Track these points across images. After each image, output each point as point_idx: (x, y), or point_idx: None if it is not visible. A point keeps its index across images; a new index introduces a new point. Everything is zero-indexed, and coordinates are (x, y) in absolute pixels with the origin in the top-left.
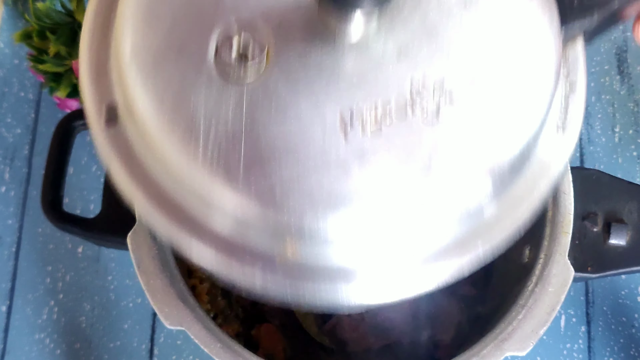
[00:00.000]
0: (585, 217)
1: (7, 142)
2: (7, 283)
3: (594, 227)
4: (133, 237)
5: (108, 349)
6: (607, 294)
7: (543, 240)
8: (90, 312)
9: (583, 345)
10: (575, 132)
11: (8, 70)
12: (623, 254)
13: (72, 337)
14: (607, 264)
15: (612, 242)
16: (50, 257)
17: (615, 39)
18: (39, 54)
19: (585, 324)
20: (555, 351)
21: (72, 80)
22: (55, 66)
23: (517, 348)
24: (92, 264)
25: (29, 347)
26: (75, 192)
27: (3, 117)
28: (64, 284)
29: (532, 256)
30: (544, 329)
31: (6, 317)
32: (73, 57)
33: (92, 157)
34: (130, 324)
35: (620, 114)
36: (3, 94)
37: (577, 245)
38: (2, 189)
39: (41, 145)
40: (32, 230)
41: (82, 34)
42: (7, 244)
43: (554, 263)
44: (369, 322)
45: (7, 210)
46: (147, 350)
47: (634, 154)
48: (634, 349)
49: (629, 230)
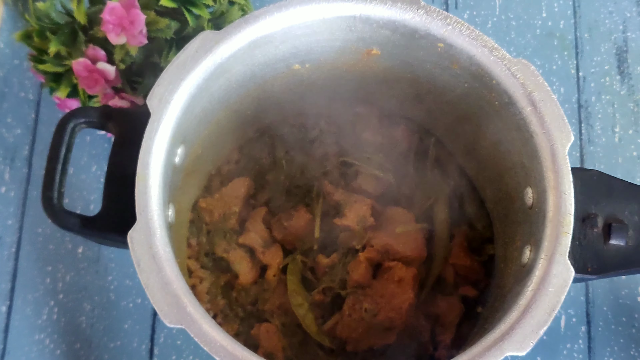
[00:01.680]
0: (585, 218)
1: (7, 142)
2: (7, 283)
3: (594, 228)
4: (133, 235)
5: (108, 349)
6: (607, 294)
7: (543, 240)
8: (90, 312)
9: (583, 345)
10: None
11: (8, 71)
12: (623, 254)
13: (72, 337)
14: (607, 264)
15: (612, 243)
16: (50, 258)
17: (616, 39)
18: (39, 54)
19: (585, 324)
20: (555, 351)
21: (72, 80)
22: (55, 66)
23: (517, 348)
24: (92, 264)
25: (29, 348)
26: (75, 192)
27: (3, 117)
28: (64, 284)
29: (532, 257)
30: (543, 329)
31: (6, 317)
32: (73, 57)
33: (92, 157)
34: (130, 324)
35: (620, 114)
36: (3, 94)
37: (577, 246)
38: (2, 189)
39: (41, 146)
40: (32, 230)
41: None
42: (7, 244)
43: (554, 263)
44: (368, 322)
45: (7, 210)
46: (147, 350)
47: (634, 154)
48: (634, 349)
49: (629, 231)
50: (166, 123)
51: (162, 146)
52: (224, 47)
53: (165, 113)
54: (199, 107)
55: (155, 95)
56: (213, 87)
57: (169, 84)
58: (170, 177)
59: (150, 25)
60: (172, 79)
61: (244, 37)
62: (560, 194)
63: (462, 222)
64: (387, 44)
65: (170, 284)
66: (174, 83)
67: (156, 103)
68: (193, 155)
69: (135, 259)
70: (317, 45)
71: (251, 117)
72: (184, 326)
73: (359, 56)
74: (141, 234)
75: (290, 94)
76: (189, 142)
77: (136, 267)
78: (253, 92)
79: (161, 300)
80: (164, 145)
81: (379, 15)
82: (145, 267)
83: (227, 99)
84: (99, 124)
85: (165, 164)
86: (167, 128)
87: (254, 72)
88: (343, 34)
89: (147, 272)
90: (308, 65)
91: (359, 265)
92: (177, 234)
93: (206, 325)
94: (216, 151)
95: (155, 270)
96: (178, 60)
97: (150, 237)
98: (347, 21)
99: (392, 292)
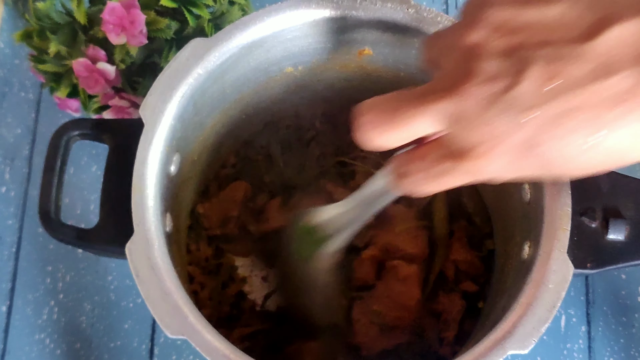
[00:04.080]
0: (583, 212)
1: (8, 142)
2: (7, 283)
3: (592, 223)
4: (131, 247)
5: (108, 349)
6: (607, 294)
7: (542, 236)
8: (91, 312)
9: (583, 345)
10: None
11: (8, 70)
12: (622, 248)
13: (72, 337)
14: (606, 259)
15: (610, 237)
16: (50, 257)
17: None
18: (40, 54)
19: (585, 324)
20: (555, 351)
21: (72, 80)
22: (55, 66)
23: (519, 346)
24: (92, 264)
25: (29, 347)
26: (75, 192)
27: (3, 117)
28: (64, 284)
29: (531, 253)
30: (545, 326)
31: (6, 317)
32: (73, 57)
33: (92, 157)
34: (131, 324)
35: None
36: (3, 94)
37: (575, 241)
38: (2, 189)
39: (41, 145)
40: (32, 230)
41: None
42: (7, 244)
43: (553, 259)
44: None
45: (7, 210)
46: (147, 350)
47: None
48: (634, 349)
49: (627, 225)
50: (160, 133)
51: (157, 156)
52: (215, 54)
53: (159, 123)
54: (193, 115)
55: (148, 105)
56: (206, 93)
57: (161, 93)
58: (166, 186)
59: (150, 25)
60: (164, 89)
61: (235, 43)
62: (557, 189)
63: (461, 218)
64: (379, 43)
65: (171, 294)
66: (166, 92)
67: (149, 113)
68: (189, 162)
69: (134, 271)
70: (309, 48)
71: (246, 121)
72: (185, 336)
73: (351, 57)
74: (139, 245)
75: (284, 97)
76: (184, 150)
77: (135, 279)
78: (247, 96)
79: (162, 311)
80: (159, 155)
81: (369, 16)
82: (144, 279)
83: (221, 105)
84: (93, 136)
85: (160, 173)
86: (161, 138)
87: (247, 77)
88: (334, 36)
89: (147, 283)
90: (301, 68)
91: (363, 263)
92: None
93: (208, 334)
94: (212, 156)
95: (154, 282)
96: (170, 69)
97: (149, 248)
98: (337, 23)
99: (399, 291)
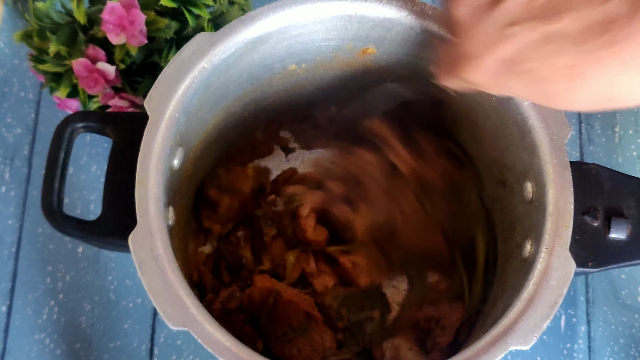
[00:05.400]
0: (585, 211)
1: (7, 142)
2: (7, 283)
3: (594, 222)
4: (134, 238)
5: (108, 349)
6: (607, 294)
7: (544, 234)
8: (90, 312)
9: (583, 345)
10: None
11: (8, 70)
12: (623, 248)
13: (72, 337)
14: (607, 258)
15: (612, 236)
16: (50, 257)
17: None
18: (39, 53)
19: (585, 324)
20: (555, 351)
21: (72, 80)
22: (55, 66)
23: (521, 342)
24: (92, 264)
25: (29, 347)
26: (75, 192)
27: (3, 117)
28: (64, 284)
29: (533, 251)
30: (546, 323)
31: (6, 317)
32: (73, 57)
33: (92, 157)
34: (131, 324)
35: (620, 113)
36: (3, 94)
37: (577, 240)
38: (2, 189)
39: (41, 145)
40: (32, 230)
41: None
42: (8, 244)
43: (555, 257)
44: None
45: (7, 210)
46: (147, 350)
47: (634, 153)
48: (634, 349)
49: (629, 224)
50: (164, 126)
51: (160, 149)
52: (220, 49)
53: (163, 116)
54: (197, 109)
55: (152, 98)
56: (210, 88)
57: (166, 86)
58: (169, 180)
59: (150, 25)
60: (170, 82)
61: (240, 38)
62: (560, 187)
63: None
64: (383, 42)
65: (173, 285)
66: (172, 85)
67: (154, 106)
68: (192, 157)
69: (137, 262)
70: (313, 45)
71: (249, 118)
72: (187, 328)
73: (355, 55)
74: (142, 237)
75: (287, 94)
76: (188, 144)
77: (138, 270)
78: (250, 93)
79: (164, 302)
80: (163, 148)
81: (374, 14)
82: (147, 270)
83: (225, 101)
84: (97, 129)
85: (164, 166)
86: (166, 131)
87: (250, 73)
88: (339, 34)
89: (150, 274)
90: (304, 65)
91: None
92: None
93: (210, 326)
94: (215, 152)
95: (157, 273)
96: (175, 62)
97: (152, 239)
98: (342, 20)
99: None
